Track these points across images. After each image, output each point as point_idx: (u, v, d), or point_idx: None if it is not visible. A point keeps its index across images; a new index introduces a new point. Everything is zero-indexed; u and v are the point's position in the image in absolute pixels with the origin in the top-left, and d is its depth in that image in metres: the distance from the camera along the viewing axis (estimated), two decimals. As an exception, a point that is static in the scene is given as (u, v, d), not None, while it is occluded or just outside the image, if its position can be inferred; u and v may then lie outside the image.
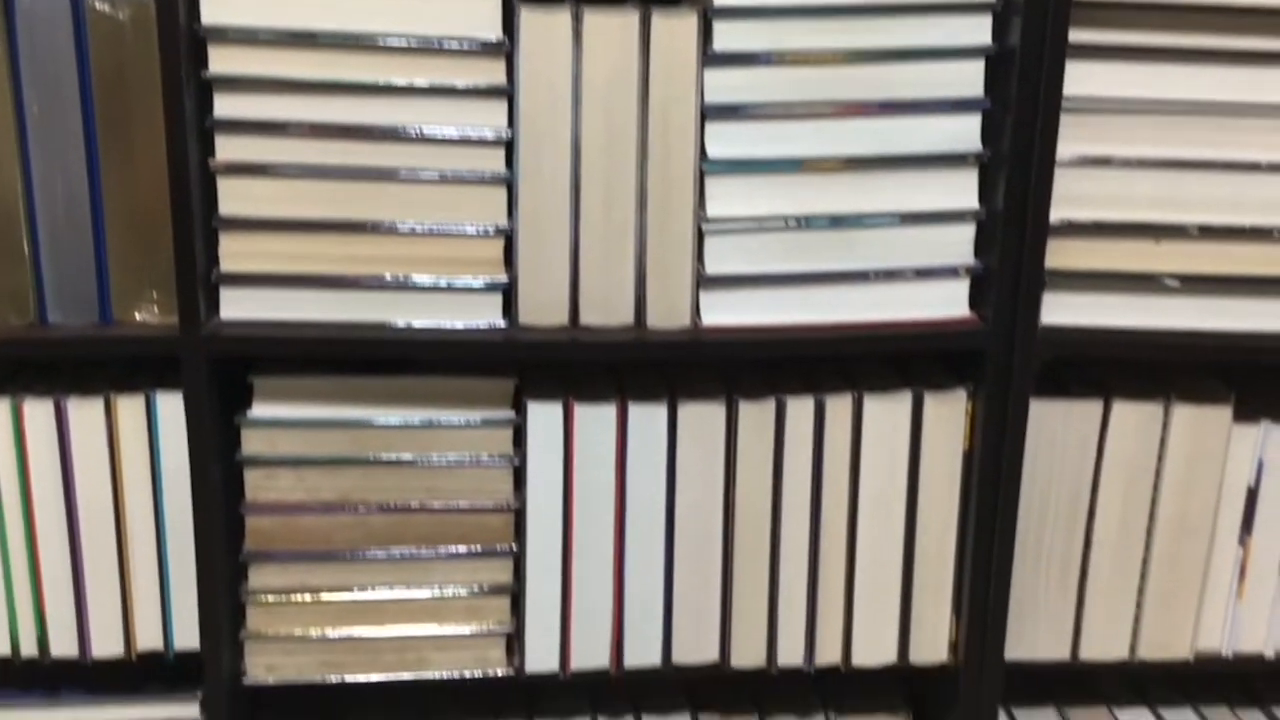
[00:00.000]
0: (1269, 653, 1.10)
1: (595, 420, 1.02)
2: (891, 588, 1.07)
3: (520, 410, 1.02)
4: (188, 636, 1.02)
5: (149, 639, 1.03)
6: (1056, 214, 0.98)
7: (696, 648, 1.08)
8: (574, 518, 1.04)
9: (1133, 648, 1.10)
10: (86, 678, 1.06)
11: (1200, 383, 1.06)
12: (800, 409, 1.03)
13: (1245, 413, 1.05)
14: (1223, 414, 1.04)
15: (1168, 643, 1.10)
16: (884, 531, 1.06)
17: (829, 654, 1.09)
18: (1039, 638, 1.09)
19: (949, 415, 1.04)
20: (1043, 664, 1.10)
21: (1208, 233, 0.99)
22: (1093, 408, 1.04)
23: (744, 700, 1.17)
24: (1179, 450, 1.05)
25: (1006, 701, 1.17)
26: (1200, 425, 1.05)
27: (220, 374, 0.98)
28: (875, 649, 1.09)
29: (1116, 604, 1.08)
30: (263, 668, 1.04)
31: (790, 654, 1.08)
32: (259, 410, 1.00)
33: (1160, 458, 1.05)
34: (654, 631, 1.07)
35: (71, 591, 1.01)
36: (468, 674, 1.06)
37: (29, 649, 1.01)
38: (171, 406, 0.98)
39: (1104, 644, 1.10)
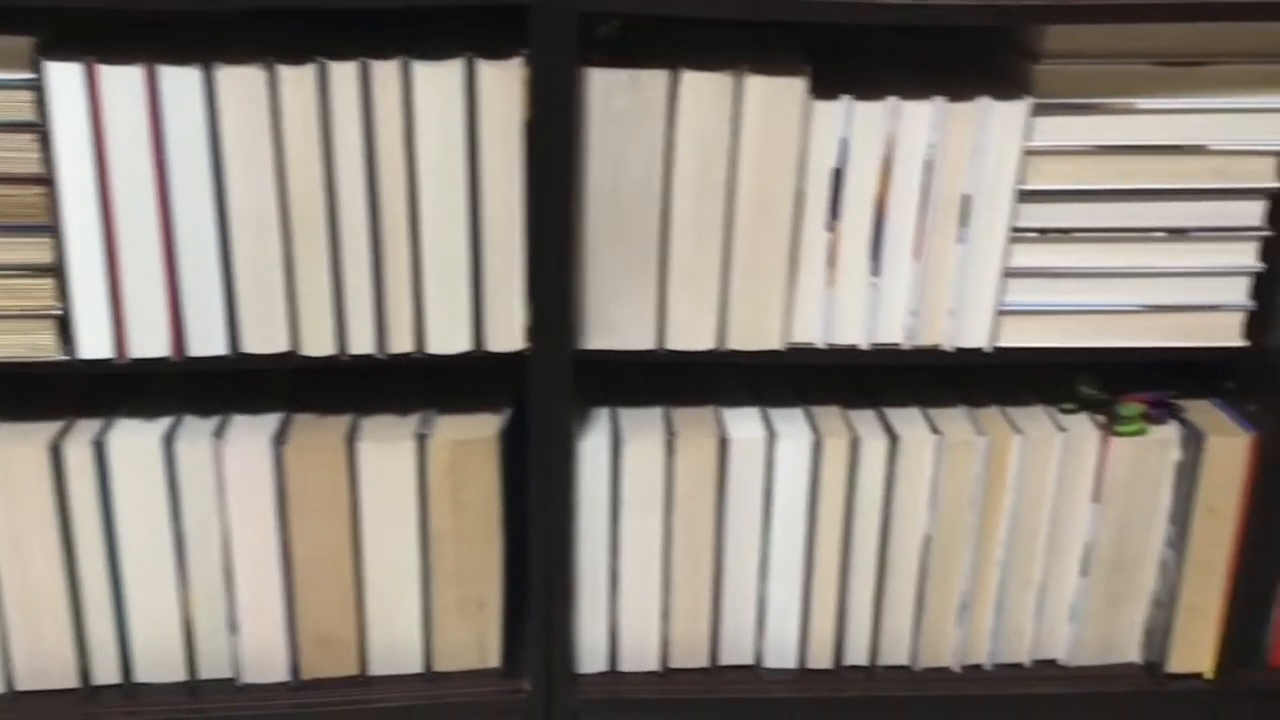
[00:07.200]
0: (863, 344, 1.08)
1: (122, 82, 0.95)
2: (460, 273, 1.03)
3: (39, 72, 0.95)
4: None
5: None
6: None
7: (266, 336, 1.04)
8: (112, 192, 0.98)
9: (721, 336, 1.07)
10: None
11: (776, 55, 1.01)
12: (344, 74, 0.96)
13: (824, 89, 1.00)
14: (797, 86, 0.99)
15: (758, 332, 1.07)
16: (448, 213, 1.01)
17: (401, 342, 1.05)
18: (624, 326, 1.06)
19: (505, 83, 0.97)
20: (629, 353, 1.07)
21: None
22: (658, 77, 0.98)
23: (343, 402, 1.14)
24: (754, 125, 0.99)
25: (612, 402, 1.15)
26: (775, 98, 0.99)
27: None
28: (450, 338, 1.05)
29: (701, 290, 1.05)
30: None
31: (362, 342, 1.04)
32: None
33: (735, 133, 1.00)
34: (217, 318, 1.03)
35: None
36: (20, 358, 1.02)
37: None
38: None
39: (690, 333, 1.06)
